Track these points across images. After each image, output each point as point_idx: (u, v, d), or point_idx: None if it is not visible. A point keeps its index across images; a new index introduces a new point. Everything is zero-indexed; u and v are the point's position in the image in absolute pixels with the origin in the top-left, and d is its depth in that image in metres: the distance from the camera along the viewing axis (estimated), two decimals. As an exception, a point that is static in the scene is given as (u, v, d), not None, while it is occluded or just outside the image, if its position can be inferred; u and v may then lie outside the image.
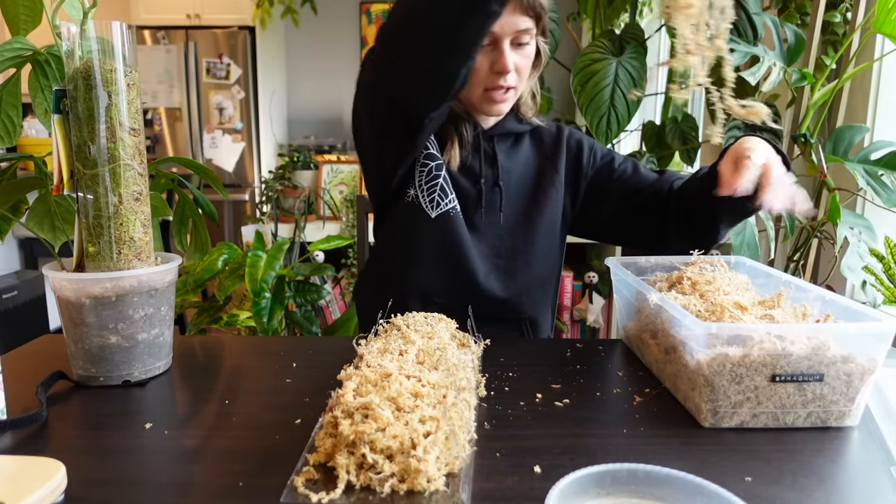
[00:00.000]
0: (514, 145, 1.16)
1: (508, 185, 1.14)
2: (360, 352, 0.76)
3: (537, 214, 1.15)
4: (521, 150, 1.17)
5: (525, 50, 1.02)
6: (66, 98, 0.77)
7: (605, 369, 0.88)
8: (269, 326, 1.65)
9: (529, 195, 1.15)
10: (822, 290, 0.80)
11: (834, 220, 1.33)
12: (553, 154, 1.17)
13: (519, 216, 1.14)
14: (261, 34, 4.34)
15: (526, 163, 1.17)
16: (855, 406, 0.69)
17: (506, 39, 0.99)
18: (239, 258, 1.74)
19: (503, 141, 1.15)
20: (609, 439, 0.66)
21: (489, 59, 1.01)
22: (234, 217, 4.45)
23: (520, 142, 1.17)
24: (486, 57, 1.00)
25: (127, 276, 0.79)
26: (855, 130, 1.43)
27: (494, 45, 0.99)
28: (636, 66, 1.81)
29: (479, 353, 0.88)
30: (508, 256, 1.13)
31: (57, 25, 0.82)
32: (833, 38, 1.67)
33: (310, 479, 0.57)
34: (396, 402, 0.61)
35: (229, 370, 0.90)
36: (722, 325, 0.68)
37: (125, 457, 0.63)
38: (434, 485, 0.55)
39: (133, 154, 0.79)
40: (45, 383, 0.77)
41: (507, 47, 0.99)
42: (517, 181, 1.15)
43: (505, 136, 1.14)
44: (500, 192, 1.13)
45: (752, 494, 0.55)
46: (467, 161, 1.12)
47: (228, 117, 4.36)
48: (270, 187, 3.07)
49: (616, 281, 1.00)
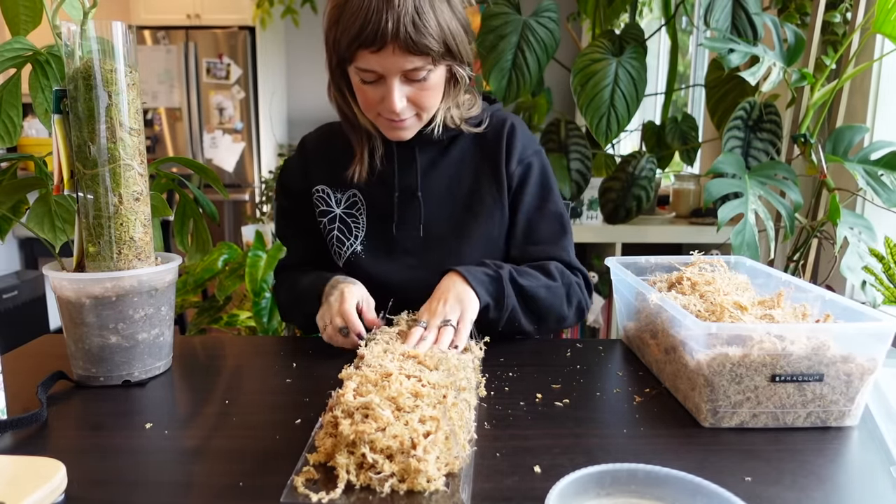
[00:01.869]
0: (445, 150, 1.07)
1: (431, 194, 1.06)
2: (360, 352, 0.76)
3: (471, 225, 1.05)
4: (453, 153, 1.07)
5: (423, 83, 0.92)
6: (66, 98, 0.77)
7: (605, 369, 0.88)
8: (269, 326, 1.65)
9: (462, 204, 1.06)
10: (821, 290, 0.80)
11: (834, 220, 1.33)
12: (495, 155, 1.06)
13: (449, 227, 1.06)
14: (261, 34, 4.34)
15: (459, 168, 1.07)
16: (855, 406, 0.69)
17: (393, 77, 0.90)
18: (239, 258, 1.74)
19: (428, 148, 1.06)
20: (609, 439, 0.66)
21: (379, 92, 0.92)
22: (234, 217, 4.45)
23: (453, 145, 1.07)
24: (376, 89, 0.92)
25: (127, 276, 0.79)
26: (855, 130, 1.43)
27: (382, 80, 0.91)
28: (636, 66, 1.81)
29: (479, 354, 0.88)
30: (437, 269, 0.99)
31: (57, 25, 0.82)
32: (833, 38, 1.67)
33: (310, 478, 0.57)
34: (396, 401, 0.61)
35: (229, 370, 0.90)
36: (722, 325, 0.68)
37: (125, 457, 0.63)
38: (434, 485, 0.55)
39: (133, 154, 0.79)
40: (46, 383, 0.77)
41: (396, 84, 0.90)
42: (446, 189, 1.06)
43: (429, 143, 1.05)
44: (420, 204, 1.05)
45: (752, 494, 0.55)
46: (383, 171, 1.06)
47: (228, 117, 4.36)
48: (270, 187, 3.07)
49: (616, 281, 1.00)
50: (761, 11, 1.66)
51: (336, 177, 1.08)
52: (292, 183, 1.13)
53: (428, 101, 0.95)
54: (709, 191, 1.42)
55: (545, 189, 1.08)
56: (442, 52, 0.90)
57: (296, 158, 1.14)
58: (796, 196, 1.45)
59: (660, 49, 3.59)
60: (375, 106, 0.95)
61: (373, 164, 1.06)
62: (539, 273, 1.01)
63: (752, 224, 1.38)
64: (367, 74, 0.91)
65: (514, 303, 0.96)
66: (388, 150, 1.06)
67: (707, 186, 1.42)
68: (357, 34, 0.86)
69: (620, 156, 2.26)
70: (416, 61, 0.88)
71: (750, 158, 1.62)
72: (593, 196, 2.32)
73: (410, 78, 0.91)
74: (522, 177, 1.07)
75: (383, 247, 1.07)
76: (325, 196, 1.09)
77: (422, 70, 0.90)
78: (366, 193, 1.08)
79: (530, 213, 1.07)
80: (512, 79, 1.90)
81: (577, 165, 2.13)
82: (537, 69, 1.90)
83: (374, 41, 0.85)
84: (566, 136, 2.14)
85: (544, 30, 1.89)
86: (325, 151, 1.11)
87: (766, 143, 1.61)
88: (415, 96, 0.93)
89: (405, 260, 1.07)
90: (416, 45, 0.86)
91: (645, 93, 1.84)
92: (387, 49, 0.86)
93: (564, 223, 1.08)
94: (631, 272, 0.93)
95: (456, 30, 0.91)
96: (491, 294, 0.94)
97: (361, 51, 0.87)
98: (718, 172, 1.47)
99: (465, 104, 1.05)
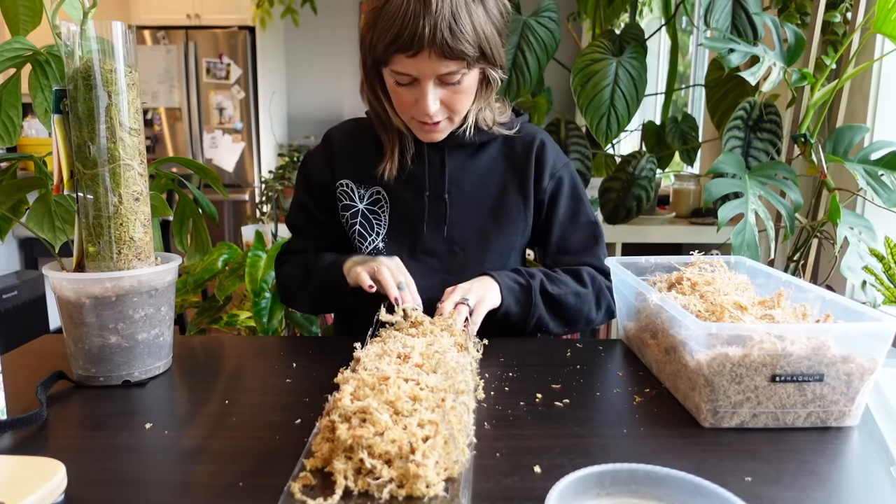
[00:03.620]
0: (473, 156, 1.09)
1: (459, 198, 1.07)
2: (356, 355, 0.76)
3: (494, 231, 1.08)
4: (482, 160, 1.09)
5: (457, 86, 0.93)
6: (66, 98, 0.77)
7: (605, 369, 0.88)
8: (269, 326, 1.65)
9: (488, 210, 1.08)
10: (822, 290, 0.80)
11: (834, 220, 1.33)
12: (524, 166, 1.09)
13: (474, 231, 1.08)
14: (261, 34, 4.34)
15: (486, 174, 1.09)
16: (855, 406, 0.69)
17: (428, 81, 0.91)
18: (239, 258, 1.74)
19: (457, 152, 1.07)
20: (609, 439, 0.66)
21: (413, 94, 0.94)
22: (234, 217, 4.45)
23: (481, 152, 1.09)
24: (411, 92, 0.94)
25: (127, 276, 0.79)
26: (855, 130, 1.43)
27: (417, 82, 0.92)
28: (636, 66, 1.81)
29: (477, 356, 0.87)
30: (458, 273, 1.05)
31: (57, 25, 0.82)
32: (833, 38, 1.67)
33: (307, 484, 0.55)
34: (394, 405, 0.60)
35: (229, 370, 0.90)
36: (722, 325, 0.68)
37: (125, 457, 0.63)
38: (433, 490, 0.54)
39: (133, 154, 0.79)
40: (45, 383, 0.77)
41: (430, 87, 0.92)
42: (472, 194, 1.08)
43: (460, 147, 1.07)
44: (446, 206, 1.07)
45: (752, 494, 0.55)
46: (412, 172, 1.07)
47: (228, 117, 4.36)
48: (270, 187, 3.07)
49: (616, 281, 1.00)
50: (761, 11, 1.65)
51: (362, 173, 1.09)
52: (315, 177, 1.13)
53: (460, 104, 0.97)
54: (709, 191, 1.42)
55: (576, 200, 1.12)
56: (477, 56, 0.91)
57: (321, 152, 1.14)
58: (796, 196, 1.45)
59: (660, 49, 3.59)
60: (409, 108, 0.97)
61: (402, 162, 1.07)
62: (571, 279, 1.06)
63: (752, 224, 1.38)
64: (402, 77, 0.92)
65: (541, 311, 1.02)
66: (418, 150, 1.07)
67: (707, 186, 1.42)
68: (394, 39, 0.87)
69: (620, 156, 2.26)
70: (451, 66, 0.90)
71: (750, 158, 1.62)
72: (593, 196, 2.32)
73: (444, 81, 0.92)
74: (555, 191, 1.11)
75: (406, 246, 1.09)
76: (349, 191, 1.10)
77: (456, 74, 0.91)
78: (391, 191, 1.09)
79: (564, 225, 1.11)
80: (512, 79, 1.90)
81: (577, 165, 2.13)
82: (537, 69, 1.90)
83: (411, 46, 0.86)
84: (566, 136, 2.14)
85: (544, 30, 1.89)
86: (352, 147, 1.11)
87: (766, 143, 1.61)
88: (448, 99, 0.95)
89: (427, 261, 1.08)
90: (452, 51, 0.87)
91: (645, 93, 1.84)
92: (423, 54, 0.87)
93: (597, 232, 1.12)
94: (631, 272, 0.93)
95: (491, 34, 0.92)
96: (519, 301, 1.00)
97: (397, 55, 0.89)
98: (718, 172, 1.47)
99: (497, 109, 1.07)
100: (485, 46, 0.91)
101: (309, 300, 1.10)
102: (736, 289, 0.85)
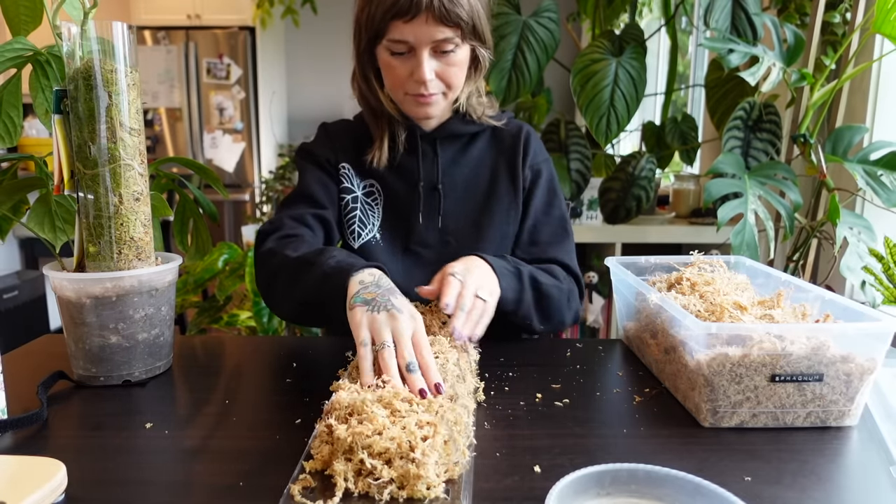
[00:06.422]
0: (465, 147, 1.10)
1: (452, 189, 1.09)
2: (354, 362, 0.75)
3: (487, 222, 1.08)
4: (472, 152, 1.11)
5: (450, 58, 0.96)
6: (66, 98, 0.77)
7: (605, 369, 0.88)
8: (269, 326, 1.65)
9: (480, 201, 1.09)
10: (821, 290, 0.80)
11: (833, 220, 1.33)
12: (513, 156, 1.11)
13: (467, 222, 1.09)
14: (261, 34, 4.34)
15: (477, 166, 1.10)
16: (854, 406, 0.69)
17: (424, 49, 0.93)
18: (239, 258, 1.74)
19: (449, 143, 1.09)
20: (609, 439, 0.66)
21: (408, 65, 0.96)
22: (234, 217, 4.45)
23: (472, 143, 1.11)
24: (406, 63, 0.96)
25: (127, 276, 0.79)
26: (854, 130, 1.43)
27: (412, 52, 0.94)
28: (636, 66, 1.81)
29: (475, 357, 0.87)
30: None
31: (57, 26, 0.82)
32: (832, 38, 1.67)
33: (307, 486, 0.55)
34: (392, 405, 0.60)
35: (229, 370, 0.91)
36: (722, 325, 0.69)
37: (125, 457, 0.63)
38: (434, 491, 0.53)
39: (133, 154, 0.79)
40: (46, 383, 0.77)
41: (425, 56, 0.94)
42: (464, 185, 1.09)
43: (451, 137, 1.09)
44: (440, 197, 1.08)
45: (752, 494, 0.55)
46: (405, 164, 1.08)
47: (228, 117, 4.36)
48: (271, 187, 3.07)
49: (616, 281, 1.00)
50: (761, 11, 1.66)
51: (357, 164, 1.10)
52: (323, 154, 1.09)
53: (455, 78, 0.99)
54: (708, 191, 1.42)
55: (552, 194, 1.12)
56: (470, 27, 0.94)
57: (322, 137, 1.13)
58: (796, 196, 1.45)
59: (660, 49, 3.59)
60: (404, 83, 0.98)
61: (392, 152, 1.08)
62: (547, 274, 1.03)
63: (752, 224, 1.38)
64: (397, 45, 0.94)
65: (529, 301, 0.97)
66: (411, 142, 1.08)
67: (707, 186, 1.42)
68: (392, 4, 0.90)
69: (620, 156, 2.26)
70: (446, 31, 0.93)
71: (750, 158, 1.62)
72: (593, 196, 2.32)
73: (439, 50, 0.95)
74: (533, 180, 1.12)
75: (400, 237, 1.09)
76: (349, 175, 1.10)
77: (450, 42, 0.94)
78: (384, 184, 1.09)
79: (537, 216, 1.11)
80: (512, 79, 1.91)
81: (576, 165, 2.13)
82: (537, 69, 1.90)
83: (409, 10, 0.90)
84: (566, 136, 2.14)
85: (544, 30, 1.89)
86: (347, 139, 1.11)
87: (765, 143, 1.62)
88: (442, 71, 0.97)
89: (421, 252, 1.09)
90: (449, 15, 0.91)
91: (645, 93, 1.84)
92: (420, 18, 0.90)
93: (567, 228, 1.12)
94: (631, 272, 0.93)
95: (480, 11, 0.96)
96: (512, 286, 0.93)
97: (395, 21, 0.92)
98: (718, 172, 1.47)
99: (485, 103, 1.10)
100: (476, 21, 0.95)
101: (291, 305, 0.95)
102: (735, 289, 0.85)
